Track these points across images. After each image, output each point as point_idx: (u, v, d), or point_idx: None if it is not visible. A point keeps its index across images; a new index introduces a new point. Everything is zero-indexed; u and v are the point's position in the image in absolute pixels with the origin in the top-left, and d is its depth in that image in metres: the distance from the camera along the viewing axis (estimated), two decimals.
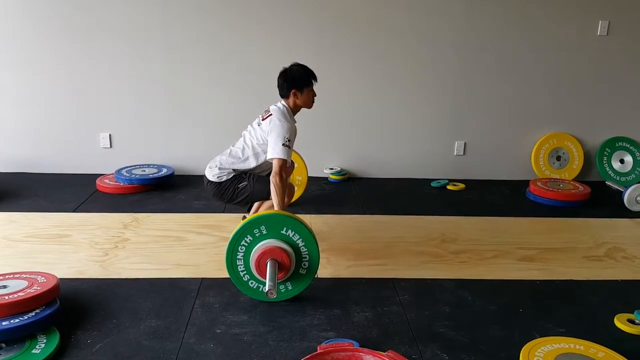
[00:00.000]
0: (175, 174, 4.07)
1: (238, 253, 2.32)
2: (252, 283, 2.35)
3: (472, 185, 4.16)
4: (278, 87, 2.74)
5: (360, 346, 1.97)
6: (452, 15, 3.99)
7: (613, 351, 2.01)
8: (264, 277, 2.24)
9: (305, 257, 2.36)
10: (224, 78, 4.06)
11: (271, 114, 2.68)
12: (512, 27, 4.05)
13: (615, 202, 3.80)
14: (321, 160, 4.24)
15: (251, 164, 2.75)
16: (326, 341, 2.04)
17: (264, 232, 2.31)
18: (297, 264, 2.35)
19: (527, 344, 2.04)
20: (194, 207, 3.51)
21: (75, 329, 2.12)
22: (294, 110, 2.76)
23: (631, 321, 2.26)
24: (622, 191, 3.81)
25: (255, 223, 2.31)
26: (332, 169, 4.23)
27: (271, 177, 2.57)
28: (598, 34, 4.09)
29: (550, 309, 2.39)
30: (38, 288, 2.13)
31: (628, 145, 4.32)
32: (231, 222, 3.21)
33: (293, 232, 2.33)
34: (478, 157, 4.32)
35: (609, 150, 4.32)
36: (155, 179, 3.84)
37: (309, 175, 3.66)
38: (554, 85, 4.20)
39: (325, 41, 4.01)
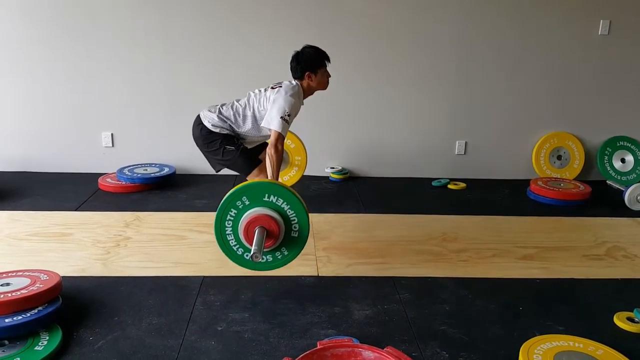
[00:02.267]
0: (177, 173, 4.09)
1: (226, 228, 2.29)
2: (247, 255, 2.32)
3: (473, 184, 4.17)
4: (291, 70, 2.73)
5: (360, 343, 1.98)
6: (452, 14, 4.00)
7: (612, 349, 2.01)
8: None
9: (294, 220, 2.32)
10: (225, 77, 4.07)
11: (281, 86, 2.66)
12: (513, 26, 4.05)
13: (616, 201, 3.81)
14: (322, 160, 4.25)
15: (248, 125, 2.72)
16: (326, 338, 2.05)
17: (247, 202, 2.28)
18: (287, 229, 2.31)
19: (527, 341, 2.05)
20: (196, 206, 3.53)
21: (78, 326, 2.13)
22: (307, 91, 2.75)
23: (631, 319, 2.27)
24: (622, 190, 3.81)
25: (236, 195, 2.28)
26: (333, 168, 4.24)
27: (267, 149, 2.55)
28: (599, 33, 4.09)
29: (550, 307, 2.40)
30: (40, 286, 2.14)
31: (629, 145, 4.32)
32: None
33: (276, 198, 2.28)
34: (479, 157, 4.32)
35: (610, 150, 4.32)
36: (156, 178, 3.86)
37: (310, 174, 3.68)
38: (555, 85, 4.21)
39: (326, 40, 3.98)
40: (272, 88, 2.70)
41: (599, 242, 3.12)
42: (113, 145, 4.16)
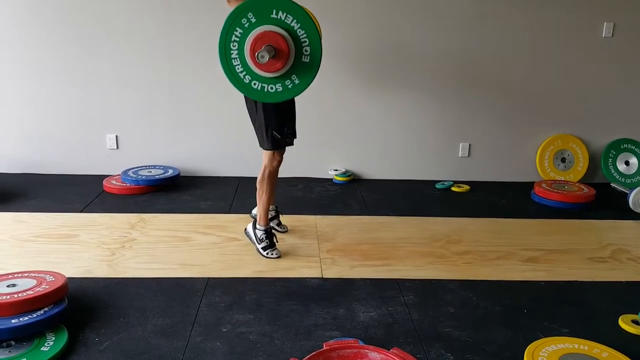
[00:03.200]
0: (181, 175, 4.10)
1: (231, 52, 2.12)
2: (255, 84, 2.18)
3: (476, 186, 4.17)
4: None
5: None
6: (455, 16, 4.00)
7: (617, 351, 2.01)
8: (264, 69, 2.07)
9: (305, 42, 2.14)
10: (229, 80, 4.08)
11: None
12: (515, 28, 4.05)
13: (620, 203, 3.80)
14: (326, 162, 4.25)
15: None
16: (332, 340, 2.06)
17: (253, 20, 2.09)
18: (297, 51, 2.14)
19: (531, 344, 2.05)
20: (200, 208, 3.54)
21: (83, 327, 2.14)
22: None
23: (635, 322, 2.26)
24: (627, 193, 3.81)
25: (241, 12, 2.08)
26: (336, 170, 4.24)
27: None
28: (603, 35, 4.09)
29: (554, 309, 2.40)
30: (46, 287, 2.15)
31: (633, 147, 4.31)
32: (237, 222, 3.23)
33: (285, 14, 2.09)
34: (483, 159, 4.32)
35: (614, 152, 4.31)
36: (161, 179, 3.87)
37: (313, 177, 3.68)
38: (558, 87, 4.20)
39: (328, 42, 4.01)
40: None
41: (604, 245, 3.12)
42: (118, 147, 4.18)
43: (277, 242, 2.85)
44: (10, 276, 2.29)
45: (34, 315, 2.03)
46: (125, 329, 2.15)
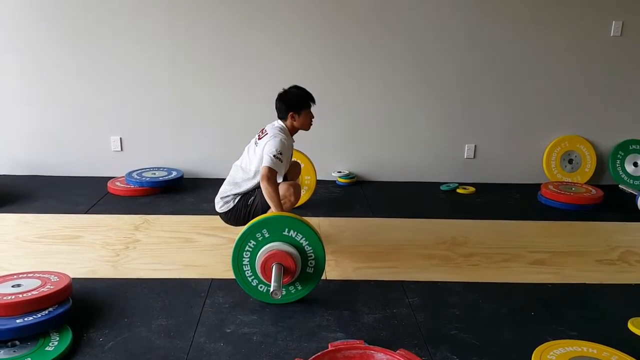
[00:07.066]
0: (185, 177, 4.10)
1: (243, 259, 2.33)
2: (261, 287, 2.36)
3: (482, 188, 4.14)
4: (276, 109, 2.76)
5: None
6: (462, 16, 3.99)
7: (626, 355, 1.98)
8: (271, 281, 2.25)
9: (311, 257, 2.35)
10: (231, 82, 4.09)
11: (267, 133, 2.71)
12: (523, 28, 4.03)
13: (629, 205, 3.76)
14: (329, 164, 4.24)
15: (256, 182, 2.74)
16: (336, 341, 2.04)
17: (267, 235, 2.31)
18: (303, 265, 2.34)
19: (539, 347, 2.02)
20: (203, 209, 3.53)
21: (88, 327, 2.14)
22: (291, 131, 2.79)
23: None
24: (635, 194, 3.77)
25: (256, 227, 2.31)
26: (340, 172, 4.23)
27: (261, 183, 2.56)
28: (612, 34, 4.05)
29: (562, 312, 2.37)
30: (51, 287, 2.15)
31: None
32: None
33: (296, 233, 2.32)
34: (488, 160, 4.29)
35: (622, 153, 4.27)
36: (165, 181, 3.87)
37: (317, 178, 3.66)
38: (566, 87, 4.17)
39: (333, 44, 4.02)
40: (260, 139, 2.73)
41: (612, 247, 3.08)
42: (122, 150, 4.18)
43: None
44: (15, 276, 2.29)
45: (39, 316, 2.02)
46: (129, 329, 2.14)
